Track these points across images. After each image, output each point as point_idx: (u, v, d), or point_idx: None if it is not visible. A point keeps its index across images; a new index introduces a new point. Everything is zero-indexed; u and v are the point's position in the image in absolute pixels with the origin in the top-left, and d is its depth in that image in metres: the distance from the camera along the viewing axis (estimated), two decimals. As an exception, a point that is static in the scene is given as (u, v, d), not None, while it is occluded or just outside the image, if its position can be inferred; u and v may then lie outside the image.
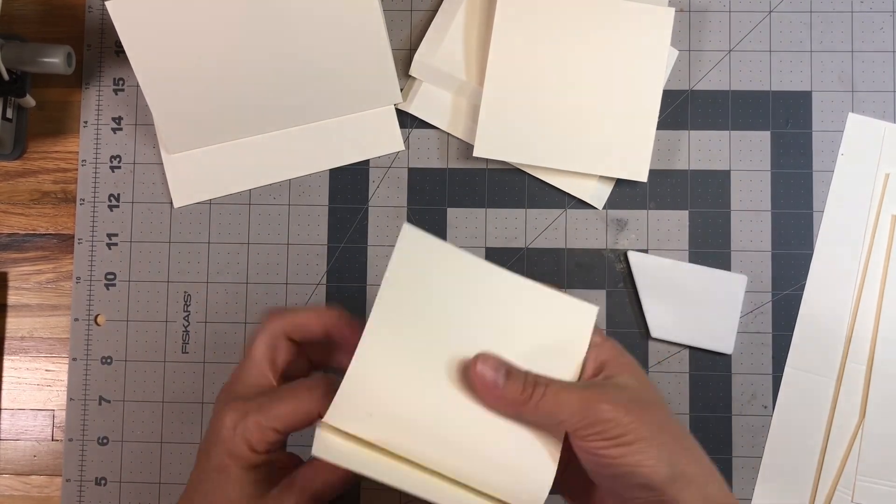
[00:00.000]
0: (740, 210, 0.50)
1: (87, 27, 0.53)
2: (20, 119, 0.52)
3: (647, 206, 0.51)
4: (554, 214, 0.51)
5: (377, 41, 0.49)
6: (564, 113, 0.49)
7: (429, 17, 0.52)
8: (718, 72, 0.51)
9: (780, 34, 0.51)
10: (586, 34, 0.49)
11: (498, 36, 0.49)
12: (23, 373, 0.52)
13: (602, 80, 0.49)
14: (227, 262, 0.51)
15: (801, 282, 0.50)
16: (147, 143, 0.52)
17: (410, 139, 0.52)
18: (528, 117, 0.49)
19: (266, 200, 0.52)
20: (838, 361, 0.49)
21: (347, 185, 0.51)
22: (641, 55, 0.48)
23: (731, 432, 0.49)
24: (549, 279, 0.50)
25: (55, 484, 0.51)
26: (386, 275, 0.35)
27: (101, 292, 0.51)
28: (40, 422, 0.51)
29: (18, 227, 0.52)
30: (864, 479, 0.48)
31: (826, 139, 0.50)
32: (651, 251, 0.50)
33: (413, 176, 0.51)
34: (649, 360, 0.50)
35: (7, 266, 0.52)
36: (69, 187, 0.52)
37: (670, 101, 0.51)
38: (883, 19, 0.51)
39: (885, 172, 0.50)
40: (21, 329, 0.52)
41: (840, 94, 0.51)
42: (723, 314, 0.49)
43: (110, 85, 0.52)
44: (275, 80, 0.49)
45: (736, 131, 0.51)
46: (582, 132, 0.49)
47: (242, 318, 0.51)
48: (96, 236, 0.52)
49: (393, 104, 0.51)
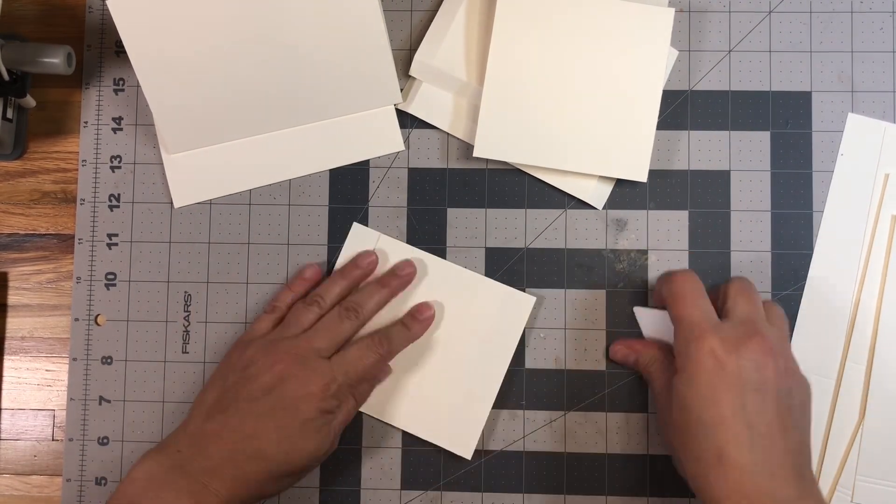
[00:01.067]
0: (740, 210, 0.50)
1: (87, 27, 0.53)
2: (20, 119, 0.52)
3: (647, 207, 0.51)
4: (554, 214, 0.51)
5: (377, 41, 0.49)
6: (564, 113, 0.49)
7: (429, 17, 0.52)
8: (718, 72, 0.51)
9: (779, 34, 0.51)
10: (586, 34, 0.49)
11: (498, 36, 0.49)
12: (23, 373, 0.52)
13: (602, 80, 0.49)
14: (227, 262, 0.51)
15: (801, 282, 0.50)
16: (147, 143, 0.52)
17: (410, 139, 0.52)
18: (527, 117, 0.49)
19: (266, 200, 0.52)
20: (838, 361, 0.49)
21: (347, 185, 0.51)
22: (641, 55, 0.48)
23: (731, 432, 0.49)
24: (549, 279, 0.50)
25: (55, 484, 0.51)
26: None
27: (101, 292, 0.51)
28: (40, 422, 0.51)
29: (19, 227, 0.52)
30: (864, 479, 0.48)
31: (826, 139, 0.50)
32: (651, 251, 0.50)
33: (413, 176, 0.51)
34: (649, 360, 0.50)
35: (7, 266, 0.52)
36: (69, 187, 0.52)
37: (670, 101, 0.51)
38: (883, 19, 0.51)
39: (885, 172, 0.50)
40: (21, 329, 0.52)
41: (840, 95, 0.51)
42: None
43: (110, 85, 0.52)
44: (275, 80, 0.49)
45: (736, 131, 0.51)
46: (582, 132, 0.49)
47: (242, 318, 0.51)
48: (96, 236, 0.52)
49: (393, 104, 0.51)
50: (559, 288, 0.50)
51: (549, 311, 0.50)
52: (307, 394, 0.43)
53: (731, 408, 0.40)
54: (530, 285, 0.50)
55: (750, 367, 0.41)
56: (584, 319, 0.50)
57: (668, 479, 0.49)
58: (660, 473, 0.49)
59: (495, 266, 0.51)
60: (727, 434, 0.39)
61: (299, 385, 0.43)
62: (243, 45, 0.48)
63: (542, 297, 0.50)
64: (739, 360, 0.41)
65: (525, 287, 0.50)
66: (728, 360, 0.41)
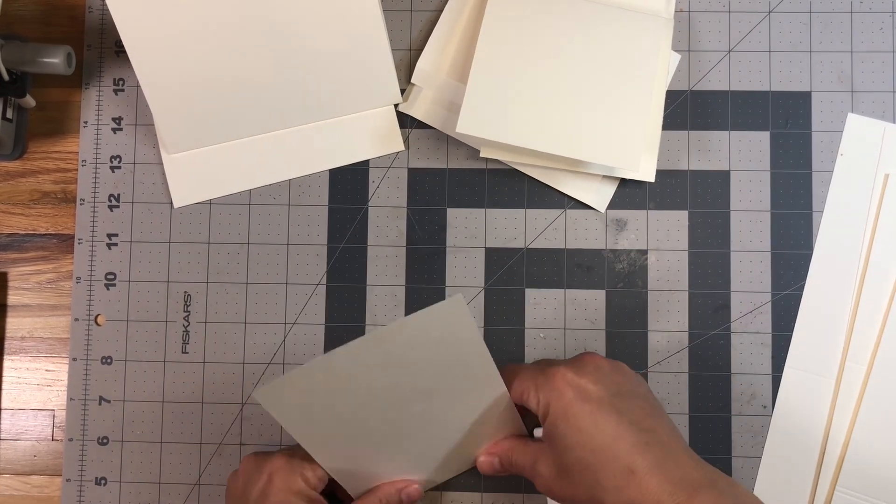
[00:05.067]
0: (740, 210, 0.50)
1: (87, 27, 0.53)
2: (20, 119, 0.52)
3: (646, 207, 0.51)
4: (553, 215, 0.51)
5: (377, 41, 0.49)
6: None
7: (429, 17, 0.52)
8: (718, 72, 0.51)
9: (779, 34, 0.51)
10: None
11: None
12: (23, 373, 0.52)
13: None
14: (227, 262, 0.51)
15: (800, 282, 0.50)
16: (147, 143, 0.52)
17: (410, 139, 0.52)
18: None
19: (266, 200, 0.52)
20: (838, 361, 0.49)
21: (347, 185, 0.51)
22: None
23: (731, 432, 0.49)
24: (548, 279, 0.50)
25: (55, 484, 0.51)
26: None
27: (101, 292, 0.51)
28: (40, 422, 0.51)
29: (19, 227, 0.52)
30: (843, 491, 0.48)
31: (825, 139, 0.50)
32: (651, 251, 0.50)
33: (413, 176, 0.51)
34: (649, 360, 0.50)
35: (7, 266, 0.52)
36: (69, 187, 0.52)
37: (670, 101, 0.51)
38: (882, 19, 0.51)
39: (885, 172, 0.50)
40: (21, 329, 0.52)
41: (839, 95, 0.51)
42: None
43: (110, 85, 0.52)
44: (275, 80, 0.49)
45: (736, 131, 0.51)
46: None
47: (242, 319, 0.51)
48: (96, 236, 0.52)
49: (393, 104, 0.51)
50: (559, 288, 0.50)
51: (549, 311, 0.50)
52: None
53: (613, 420, 0.39)
54: (530, 285, 0.50)
55: (600, 378, 0.41)
56: (584, 319, 0.50)
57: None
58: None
59: (495, 266, 0.51)
60: (625, 445, 0.39)
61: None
62: (243, 44, 0.48)
63: (541, 297, 0.50)
64: (590, 376, 0.41)
65: (525, 287, 0.50)
66: (582, 382, 0.41)
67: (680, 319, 0.50)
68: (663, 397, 0.50)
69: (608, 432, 0.39)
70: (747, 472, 0.49)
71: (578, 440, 0.40)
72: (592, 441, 0.39)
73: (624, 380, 0.42)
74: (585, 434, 0.40)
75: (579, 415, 0.40)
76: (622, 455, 0.39)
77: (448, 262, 0.51)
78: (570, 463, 0.40)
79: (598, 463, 0.39)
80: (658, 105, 0.49)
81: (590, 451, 0.39)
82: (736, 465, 0.49)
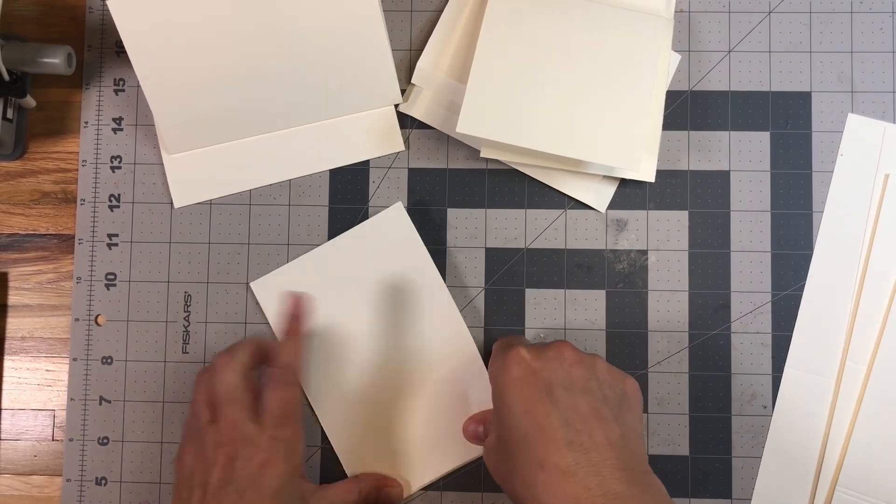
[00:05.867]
0: (740, 210, 0.50)
1: (88, 27, 0.53)
2: (20, 119, 0.52)
3: (646, 207, 0.51)
4: (554, 215, 0.51)
5: (377, 41, 0.49)
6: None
7: (429, 17, 0.52)
8: (718, 72, 0.51)
9: (779, 35, 0.51)
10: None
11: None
12: (23, 373, 0.52)
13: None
14: (227, 262, 0.51)
15: (800, 282, 0.50)
16: (147, 144, 0.52)
17: (410, 139, 0.52)
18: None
19: (266, 200, 0.52)
20: (838, 361, 0.49)
21: (347, 185, 0.51)
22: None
23: (731, 432, 0.49)
24: (549, 280, 0.50)
25: (55, 484, 0.51)
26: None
27: (101, 292, 0.51)
28: (41, 422, 0.51)
29: (19, 227, 0.52)
30: (843, 491, 0.48)
31: (826, 139, 0.50)
32: (651, 251, 0.50)
33: (413, 176, 0.51)
34: (649, 360, 0.50)
35: (7, 266, 0.52)
36: (69, 187, 0.52)
37: (670, 101, 0.51)
38: (883, 19, 0.51)
39: (885, 173, 0.50)
40: (21, 329, 0.52)
41: (839, 95, 0.51)
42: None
43: (111, 85, 0.52)
44: (275, 80, 0.49)
45: (736, 132, 0.51)
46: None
47: (242, 319, 0.51)
48: (97, 236, 0.52)
49: (393, 104, 0.51)
50: (559, 288, 0.50)
51: (548, 312, 0.50)
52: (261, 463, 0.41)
53: (545, 409, 0.38)
54: (530, 285, 0.50)
55: (556, 366, 0.40)
56: (584, 320, 0.50)
57: (667, 477, 0.49)
58: (659, 472, 0.49)
59: (495, 266, 0.51)
60: (545, 438, 0.37)
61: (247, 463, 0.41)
62: (243, 45, 0.48)
63: (542, 297, 0.50)
64: (546, 361, 0.40)
65: (525, 287, 0.50)
66: (534, 364, 0.40)
67: (680, 319, 0.50)
68: (663, 397, 0.50)
69: (536, 421, 0.38)
70: (747, 472, 0.49)
71: (509, 421, 0.39)
72: (519, 425, 0.39)
73: (584, 375, 0.40)
74: (515, 417, 0.39)
75: (515, 396, 0.39)
76: (538, 448, 0.37)
77: (448, 262, 0.51)
78: (503, 441, 0.40)
79: (518, 450, 0.38)
80: (658, 105, 0.49)
81: (519, 435, 0.39)
82: (736, 465, 0.49)
